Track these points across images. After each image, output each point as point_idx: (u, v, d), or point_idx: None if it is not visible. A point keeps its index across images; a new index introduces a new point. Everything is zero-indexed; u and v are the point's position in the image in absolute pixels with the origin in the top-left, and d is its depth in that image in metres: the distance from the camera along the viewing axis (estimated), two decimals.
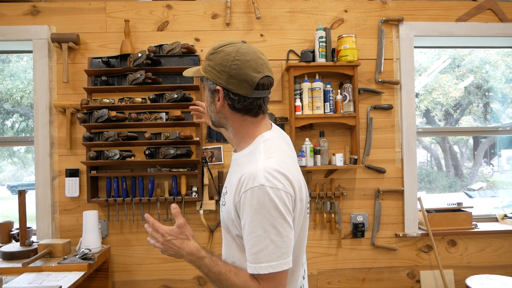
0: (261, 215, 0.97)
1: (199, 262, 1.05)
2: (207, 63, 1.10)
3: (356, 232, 2.64)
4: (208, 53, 1.10)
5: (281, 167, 1.02)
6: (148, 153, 2.47)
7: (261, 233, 0.97)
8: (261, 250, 0.97)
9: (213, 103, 1.12)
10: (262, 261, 0.97)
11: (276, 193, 0.98)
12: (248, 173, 1.01)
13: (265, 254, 0.97)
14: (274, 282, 0.99)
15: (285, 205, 0.99)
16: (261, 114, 1.13)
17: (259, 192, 0.97)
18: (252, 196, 0.98)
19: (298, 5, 2.69)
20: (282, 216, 0.98)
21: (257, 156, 1.06)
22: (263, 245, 0.97)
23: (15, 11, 2.58)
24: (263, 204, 0.97)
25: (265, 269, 0.97)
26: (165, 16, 2.64)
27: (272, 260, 0.97)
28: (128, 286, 2.59)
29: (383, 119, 2.71)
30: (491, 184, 3.61)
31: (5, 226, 2.52)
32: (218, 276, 1.03)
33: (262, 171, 0.99)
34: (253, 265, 0.98)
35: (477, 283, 2.30)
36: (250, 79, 1.05)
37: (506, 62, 3.34)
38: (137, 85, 2.48)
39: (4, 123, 3.27)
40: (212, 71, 1.07)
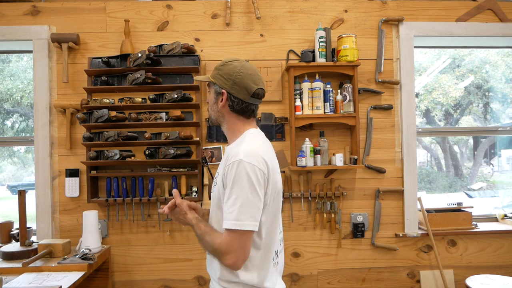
0: (238, 183, 1.21)
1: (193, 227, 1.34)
2: (216, 72, 1.38)
3: (356, 232, 2.64)
4: (219, 65, 1.39)
5: (260, 151, 1.29)
6: (148, 153, 2.47)
7: (235, 197, 1.21)
8: (233, 211, 1.20)
9: (216, 103, 1.40)
10: (230, 219, 1.20)
11: (250, 167, 1.22)
12: (232, 152, 1.28)
13: (236, 214, 1.20)
14: (235, 240, 1.21)
15: (257, 178, 1.23)
16: (252, 117, 1.43)
17: (238, 165, 1.22)
18: (233, 168, 1.23)
19: (298, 5, 2.69)
20: (253, 186, 1.22)
21: (244, 142, 1.32)
22: (235, 207, 1.20)
23: (15, 11, 2.58)
24: (239, 175, 1.22)
25: (230, 225, 1.20)
26: (165, 16, 2.64)
27: (241, 220, 1.20)
28: (128, 286, 2.59)
29: (383, 119, 2.71)
30: (491, 184, 3.61)
31: (5, 226, 2.52)
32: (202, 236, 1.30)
33: (243, 151, 1.25)
34: (228, 221, 1.21)
35: (477, 283, 2.30)
36: (249, 88, 1.35)
37: (506, 62, 3.34)
38: (137, 85, 2.48)
39: (4, 123, 3.27)
40: (220, 78, 1.36)
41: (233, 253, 1.22)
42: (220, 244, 1.23)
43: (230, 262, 1.23)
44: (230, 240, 1.22)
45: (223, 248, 1.22)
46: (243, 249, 1.22)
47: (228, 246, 1.22)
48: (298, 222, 2.65)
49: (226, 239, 1.22)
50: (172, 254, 2.61)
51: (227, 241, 1.22)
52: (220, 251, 1.23)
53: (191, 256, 2.61)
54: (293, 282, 2.65)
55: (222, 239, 1.23)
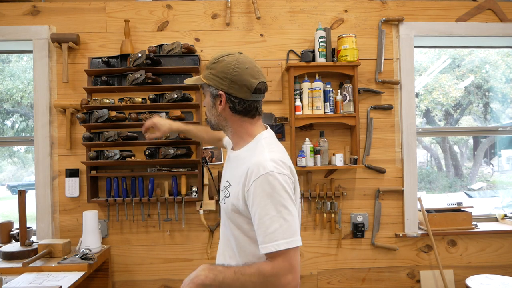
0: (273, 198, 1.09)
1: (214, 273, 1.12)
2: (208, 72, 1.23)
3: (356, 232, 2.63)
4: (210, 63, 1.23)
5: (284, 158, 1.19)
6: (148, 153, 2.47)
7: (274, 213, 1.08)
8: (277, 229, 1.07)
9: (214, 107, 1.26)
10: (278, 239, 1.06)
11: (283, 178, 1.12)
12: (256, 164, 1.13)
13: (280, 232, 1.07)
14: (287, 260, 1.07)
15: (290, 188, 1.14)
16: (257, 116, 1.28)
17: (269, 177, 1.10)
18: (263, 182, 1.10)
19: (298, 5, 2.69)
20: (290, 197, 1.12)
21: (260, 150, 1.19)
22: (278, 224, 1.07)
23: (15, 11, 2.58)
24: (274, 188, 1.10)
25: (282, 245, 1.06)
26: (165, 16, 2.64)
27: (287, 237, 1.07)
28: (128, 286, 2.59)
29: (383, 119, 2.71)
30: (491, 184, 3.61)
31: (5, 226, 2.52)
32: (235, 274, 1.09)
33: (270, 161, 1.13)
34: (271, 243, 1.07)
35: (477, 283, 2.29)
36: (249, 84, 1.20)
37: (506, 62, 3.34)
38: (137, 85, 2.48)
39: (4, 123, 3.27)
40: (214, 78, 1.21)
41: (290, 274, 1.08)
42: (273, 270, 1.07)
43: (292, 285, 1.08)
44: (282, 262, 1.08)
45: (279, 271, 1.07)
46: (298, 265, 1.10)
47: (285, 269, 1.07)
48: None
49: (280, 262, 1.08)
50: (172, 254, 2.61)
51: (277, 265, 1.08)
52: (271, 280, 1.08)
53: (191, 256, 2.61)
54: None
55: (276, 263, 1.08)
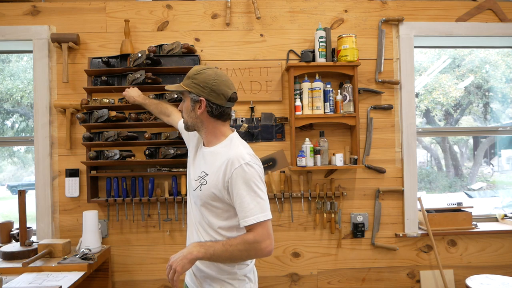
0: (251, 182, 1.39)
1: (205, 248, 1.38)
2: (190, 81, 1.48)
3: (356, 232, 2.64)
4: (192, 74, 1.49)
5: (254, 154, 1.49)
6: (148, 153, 2.47)
7: (253, 194, 1.38)
8: (255, 206, 1.37)
9: (193, 111, 1.50)
10: (257, 213, 1.36)
11: (257, 168, 1.43)
12: (235, 156, 1.41)
13: (258, 208, 1.37)
14: (265, 229, 1.37)
15: (262, 176, 1.45)
16: (228, 120, 1.55)
17: (247, 166, 1.40)
18: (243, 170, 1.39)
19: (298, 5, 2.69)
20: (263, 182, 1.44)
21: (236, 146, 1.48)
22: (256, 202, 1.38)
23: (15, 11, 2.58)
24: (251, 174, 1.39)
25: (260, 218, 1.36)
26: (165, 16, 2.64)
27: (264, 211, 1.38)
28: (128, 286, 2.59)
29: (383, 119, 2.71)
30: (491, 184, 3.60)
31: (5, 226, 2.52)
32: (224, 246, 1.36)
33: (246, 154, 1.43)
34: (252, 217, 1.36)
35: (477, 283, 2.30)
36: (225, 93, 1.48)
37: (506, 62, 3.34)
38: (137, 85, 2.48)
39: (4, 123, 3.27)
40: (196, 87, 1.47)
41: (267, 240, 1.37)
42: (256, 237, 1.35)
43: (269, 249, 1.37)
44: (261, 230, 1.36)
45: (256, 242, 1.35)
46: (272, 234, 1.40)
47: (262, 236, 1.36)
48: (298, 222, 2.65)
49: (259, 230, 1.36)
50: (172, 254, 2.60)
51: (258, 233, 1.36)
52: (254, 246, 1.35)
53: None
54: (293, 282, 2.65)
55: (256, 232, 1.36)
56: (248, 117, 2.63)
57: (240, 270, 1.50)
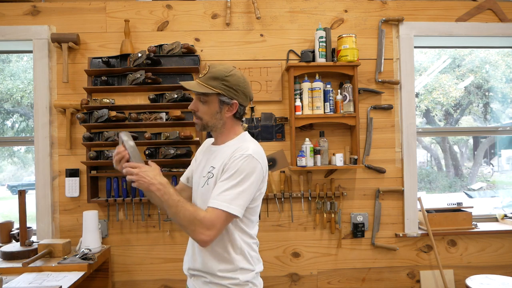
0: (241, 174, 1.33)
1: (165, 190, 1.28)
2: (221, 83, 1.39)
3: (356, 232, 2.63)
4: (221, 75, 1.39)
5: (263, 153, 1.44)
6: (148, 153, 2.47)
7: (235, 183, 1.32)
8: (228, 195, 1.30)
9: (220, 113, 1.43)
10: (227, 202, 1.29)
11: (256, 165, 1.36)
12: (241, 147, 1.38)
13: (228, 198, 1.30)
14: (218, 218, 1.29)
15: (257, 177, 1.36)
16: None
17: (247, 158, 1.34)
18: (241, 159, 1.34)
19: (298, 5, 2.69)
20: (254, 181, 1.35)
21: (247, 141, 1.44)
22: (233, 192, 1.31)
23: (15, 11, 2.58)
24: (246, 167, 1.34)
25: (226, 207, 1.29)
26: (165, 16, 2.64)
27: (232, 204, 1.30)
28: (128, 286, 2.59)
29: (383, 119, 2.71)
30: (491, 184, 3.61)
31: (5, 226, 2.52)
32: (177, 202, 1.28)
33: (253, 149, 1.38)
34: (219, 202, 1.29)
35: (477, 283, 2.29)
36: (250, 95, 1.48)
37: (506, 62, 3.34)
38: (137, 85, 2.48)
39: (4, 123, 3.27)
40: (229, 90, 1.40)
41: (214, 231, 1.29)
42: (205, 218, 1.27)
43: (205, 238, 1.28)
44: (216, 218, 1.28)
45: (206, 223, 1.27)
46: (222, 230, 1.32)
47: (213, 223, 1.28)
48: (298, 222, 2.65)
49: (212, 215, 1.28)
50: (172, 254, 2.61)
51: (213, 218, 1.28)
52: (200, 224, 1.27)
53: None
54: (293, 282, 2.65)
55: (209, 215, 1.28)
56: (248, 117, 2.63)
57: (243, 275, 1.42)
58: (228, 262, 1.40)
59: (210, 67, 1.42)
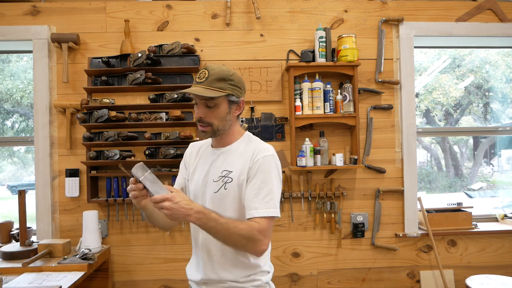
0: (273, 175, 1.34)
1: (207, 217, 1.21)
2: (228, 84, 1.35)
3: (356, 232, 2.63)
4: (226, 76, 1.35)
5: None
6: (148, 153, 2.47)
7: (271, 187, 1.32)
8: (271, 200, 1.31)
9: (229, 113, 1.40)
10: (271, 207, 1.30)
11: (278, 164, 1.39)
12: (262, 147, 1.38)
13: (273, 203, 1.31)
14: (269, 225, 1.30)
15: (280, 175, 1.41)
16: None
17: (271, 159, 1.36)
18: (267, 161, 1.34)
19: (298, 5, 2.69)
20: (278, 181, 1.38)
21: (257, 141, 1.44)
22: (272, 195, 1.31)
23: (15, 11, 2.58)
24: (274, 168, 1.36)
25: (272, 213, 1.30)
26: (165, 16, 2.64)
27: (275, 208, 1.32)
28: (128, 286, 2.59)
29: (383, 119, 2.70)
30: (491, 184, 3.61)
31: (5, 226, 2.52)
32: (227, 225, 1.23)
33: (270, 148, 1.40)
34: (265, 209, 1.29)
35: (477, 283, 2.29)
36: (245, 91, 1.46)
37: (506, 62, 3.34)
38: (137, 85, 2.48)
39: (4, 123, 3.27)
40: (236, 89, 1.38)
41: (269, 238, 1.30)
42: (261, 230, 1.26)
43: (264, 248, 1.28)
44: (267, 225, 1.28)
45: (264, 233, 1.27)
46: (271, 235, 1.34)
47: (266, 233, 1.28)
48: (298, 222, 2.65)
49: (264, 224, 1.27)
50: (172, 254, 2.61)
51: (265, 227, 1.27)
52: (259, 236, 1.25)
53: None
54: (293, 282, 2.65)
55: (261, 225, 1.26)
56: (248, 117, 2.63)
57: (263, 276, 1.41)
58: (251, 267, 1.38)
59: (208, 69, 1.35)
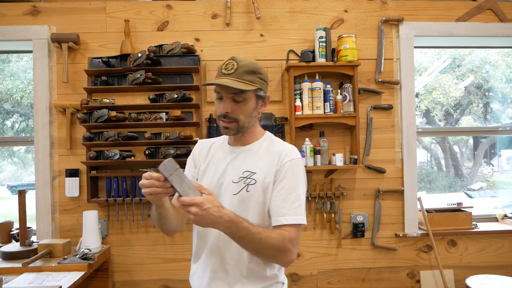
0: (300, 180, 1.27)
1: (237, 226, 1.09)
2: (257, 77, 1.27)
3: (356, 232, 2.63)
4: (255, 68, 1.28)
5: None
6: (148, 153, 2.47)
7: (299, 192, 1.25)
8: (299, 206, 1.22)
9: (256, 109, 1.31)
10: (299, 214, 1.22)
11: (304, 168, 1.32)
12: (289, 149, 1.30)
13: (302, 209, 1.23)
14: (298, 233, 1.22)
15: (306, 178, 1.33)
16: None
17: (299, 162, 1.29)
18: (295, 165, 1.27)
19: (298, 5, 2.69)
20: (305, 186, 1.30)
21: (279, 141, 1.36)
22: (299, 202, 1.23)
23: (15, 11, 2.58)
24: (302, 172, 1.29)
25: (301, 220, 1.22)
26: (165, 16, 2.64)
27: (303, 215, 1.23)
28: (128, 286, 2.59)
29: (383, 119, 2.70)
30: (491, 184, 3.61)
31: (5, 226, 2.52)
32: (259, 234, 1.12)
33: (296, 150, 1.32)
34: (294, 216, 1.21)
35: (477, 283, 2.29)
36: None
37: (506, 62, 3.34)
38: (137, 85, 2.48)
39: (4, 123, 3.27)
40: (263, 83, 1.30)
41: (296, 248, 1.21)
42: (291, 238, 1.18)
43: (293, 258, 1.20)
44: (296, 233, 1.20)
45: (293, 242, 1.19)
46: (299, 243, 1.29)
47: (295, 241, 1.20)
48: None
49: (294, 232, 1.19)
50: (172, 254, 2.61)
51: (295, 235, 1.19)
52: (290, 245, 1.18)
53: (191, 256, 2.59)
54: (293, 282, 2.65)
55: (291, 233, 1.18)
56: None
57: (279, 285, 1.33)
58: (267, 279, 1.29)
59: (237, 60, 1.27)
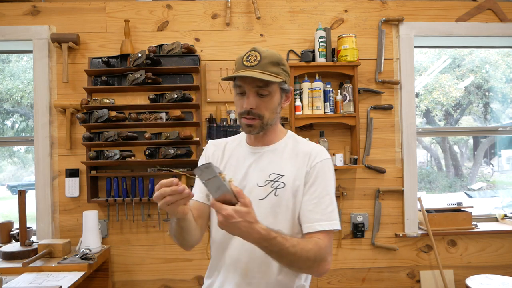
0: (331, 182, 1.18)
1: (270, 243, 0.98)
2: (281, 69, 1.16)
3: (356, 232, 2.63)
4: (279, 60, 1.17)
5: None
6: (148, 153, 2.47)
7: (332, 195, 1.16)
8: (333, 210, 1.14)
9: (280, 104, 1.22)
10: (334, 219, 1.13)
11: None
12: (318, 149, 1.20)
13: (335, 213, 1.14)
14: (331, 239, 1.13)
15: None
16: None
17: (330, 163, 1.19)
18: (326, 166, 1.18)
19: (298, 5, 2.69)
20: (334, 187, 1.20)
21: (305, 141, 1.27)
22: (333, 206, 1.15)
23: (15, 11, 2.58)
24: (332, 173, 1.20)
25: (336, 225, 1.12)
26: (165, 16, 2.64)
27: (337, 220, 1.14)
28: (128, 286, 2.59)
29: (383, 119, 2.70)
30: (491, 184, 3.61)
31: (5, 226, 2.52)
32: (293, 248, 1.01)
33: (325, 150, 1.21)
34: (328, 222, 1.11)
35: (477, 283, 2.29)
36: None
37: (506, 62, 3.34)
38: (137, 85, 2.48)
39: (4, 123, 3.27)
40: (287, 76, 1.20)
41: (331, 256, 1.10)
42: (326, 247, 1.08)
43: (328, 267, 1.09)
44: (329, 241, 1.10)
45: (328, 250, 1.09)
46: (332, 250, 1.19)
47: (329, 249, 1.10)
48: None
49: (326, 241, 1.09)
50: (172, 254, 2.61)
51: (328, 244, 1.09)
52: (324, 258, 1.07)
53: (191, 256, 2.61)
54: None
55: (325, 240, 1.08)
56: None
57: None
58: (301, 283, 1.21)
59: (259, 51, 1.14)
